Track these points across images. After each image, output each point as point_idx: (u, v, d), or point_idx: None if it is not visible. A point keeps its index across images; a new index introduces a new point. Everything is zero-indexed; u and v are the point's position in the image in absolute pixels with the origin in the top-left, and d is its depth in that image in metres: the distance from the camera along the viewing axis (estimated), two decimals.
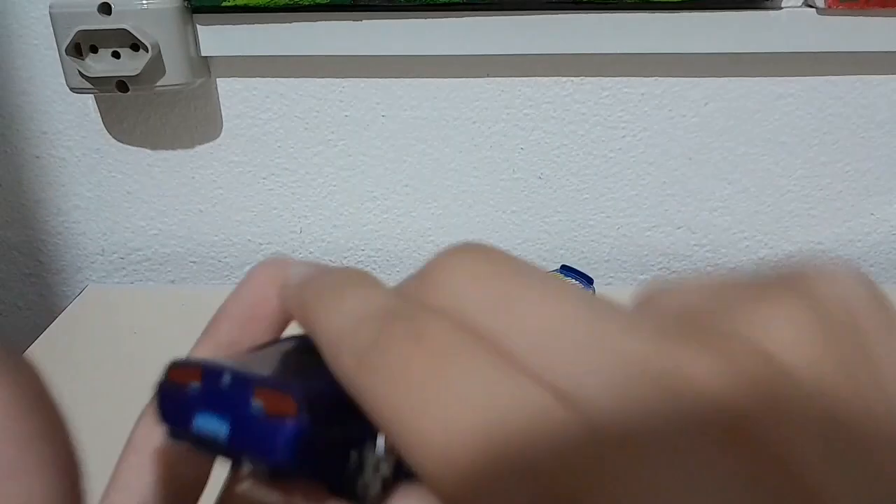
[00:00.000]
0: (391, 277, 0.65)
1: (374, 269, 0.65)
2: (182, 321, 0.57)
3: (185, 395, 0.15)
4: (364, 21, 0.53)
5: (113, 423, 0.46)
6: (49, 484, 0.13)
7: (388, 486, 0.16)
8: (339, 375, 0.14)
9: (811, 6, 0.52)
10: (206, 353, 0.18)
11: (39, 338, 0.55)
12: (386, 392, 0.13)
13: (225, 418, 0.15)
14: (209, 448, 0.15)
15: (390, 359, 0.13)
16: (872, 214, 0.62)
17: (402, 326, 0.14)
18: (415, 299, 0.15)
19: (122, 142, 0.61)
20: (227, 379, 0.15)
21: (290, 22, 0.53)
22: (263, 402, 0.14)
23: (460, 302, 0.14)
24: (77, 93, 0.56)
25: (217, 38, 0.54)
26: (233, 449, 0.15)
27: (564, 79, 0.57)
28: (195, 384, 0.15)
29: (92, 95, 0.59)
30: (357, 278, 0.16)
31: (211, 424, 0.15)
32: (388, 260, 0.65)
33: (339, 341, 0.14)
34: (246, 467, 0.15)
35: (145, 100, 0.59)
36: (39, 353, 0.53)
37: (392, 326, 0.14)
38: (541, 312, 0.13)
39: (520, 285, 0.14)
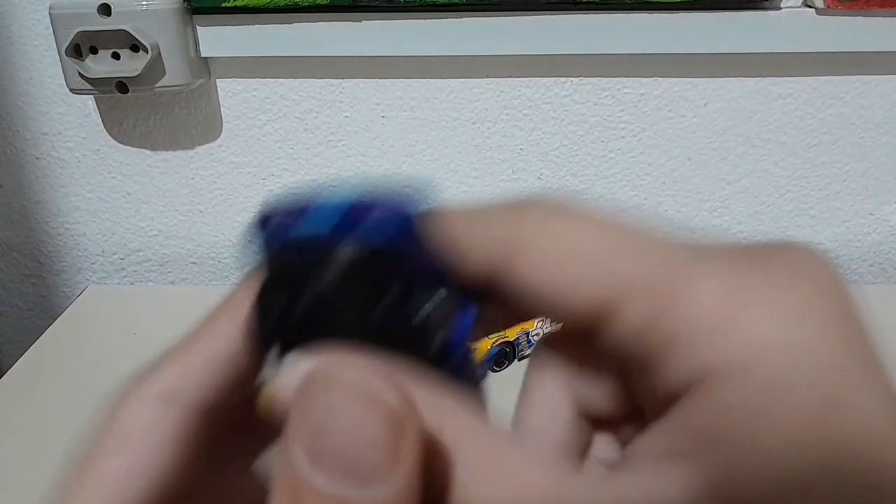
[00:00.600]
0: None
1: None
2: (182, 322, 0.57)
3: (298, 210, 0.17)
4: (364, 21, 0.53)
5: None
6: None
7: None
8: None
9: (810, 6, 0.52)
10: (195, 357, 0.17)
11: (40, 339, 0.55)
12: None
13: (337, 211, 0.16)
14: (310, 245, 0.16)
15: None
16: (871, 215, 0.62)
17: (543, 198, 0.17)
18: None
19: (122, 143, 0.61)
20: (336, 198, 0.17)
21: (290, 23, 0.53)
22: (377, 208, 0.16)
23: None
24: (77, 94, 0.56)
25: (217, 38, 0.54)
26: (342, 230, 0.16)
27: (564, 79, 0.57)
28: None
29: (92, 96, 0.58)
30: None
31: (318, 222, 0.16)
32: None
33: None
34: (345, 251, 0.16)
35: (145, 101, 0.59)
36: (40, 354, 0.53)
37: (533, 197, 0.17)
38: None
39: None
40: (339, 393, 0.13)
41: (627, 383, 0.17)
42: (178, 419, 0.16)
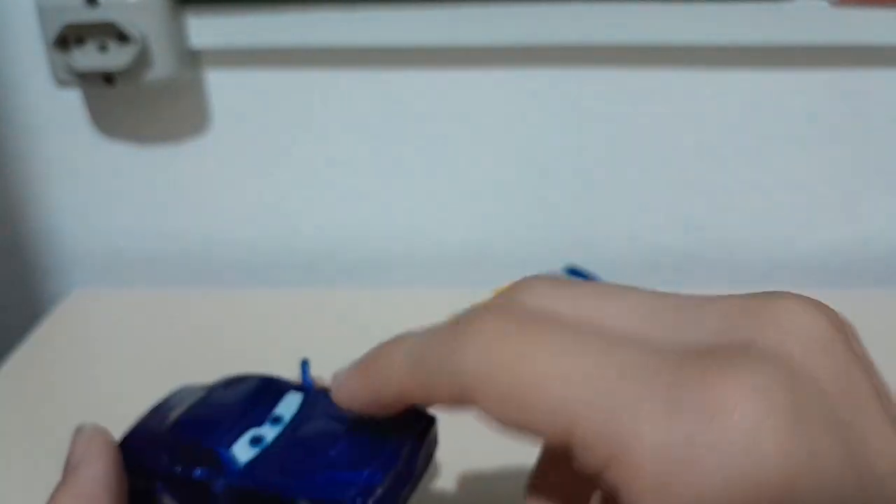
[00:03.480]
0: (389, 278, 0.63)
1: (371, 269, 0.63)
2: (172, 325, 0.56)
3: None
4: (362, 11, 0.52)
5: None
6: None
7: None
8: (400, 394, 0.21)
9: None
10: None
11: (25, 342, 0.54)
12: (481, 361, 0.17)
13: None
14: None
15: (482, 332, 0.18)
16: (890, 213, 0.61)
17: (490, 311, 0.18)
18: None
19: (109, 138, 0.59)
20: None
21: (285, 12, 0.52)
22: None
23: (540, 300, 0.19)
24: (63, 87, 0.55)
25: (208, 29, 0.53)
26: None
27: (569, 72, 0.56)
28: None
29: (78, 90, 0.57)
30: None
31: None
32: (385, 260, 0.63)
33: (409, 355, 0.20)
34: None
35: (133, 94, 0.57)
36: (24, 358, 0.52)
37: (479, 313, 0.18)
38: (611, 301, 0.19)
39: (591, 287, 0.19)
40: None
41: None
42: None
